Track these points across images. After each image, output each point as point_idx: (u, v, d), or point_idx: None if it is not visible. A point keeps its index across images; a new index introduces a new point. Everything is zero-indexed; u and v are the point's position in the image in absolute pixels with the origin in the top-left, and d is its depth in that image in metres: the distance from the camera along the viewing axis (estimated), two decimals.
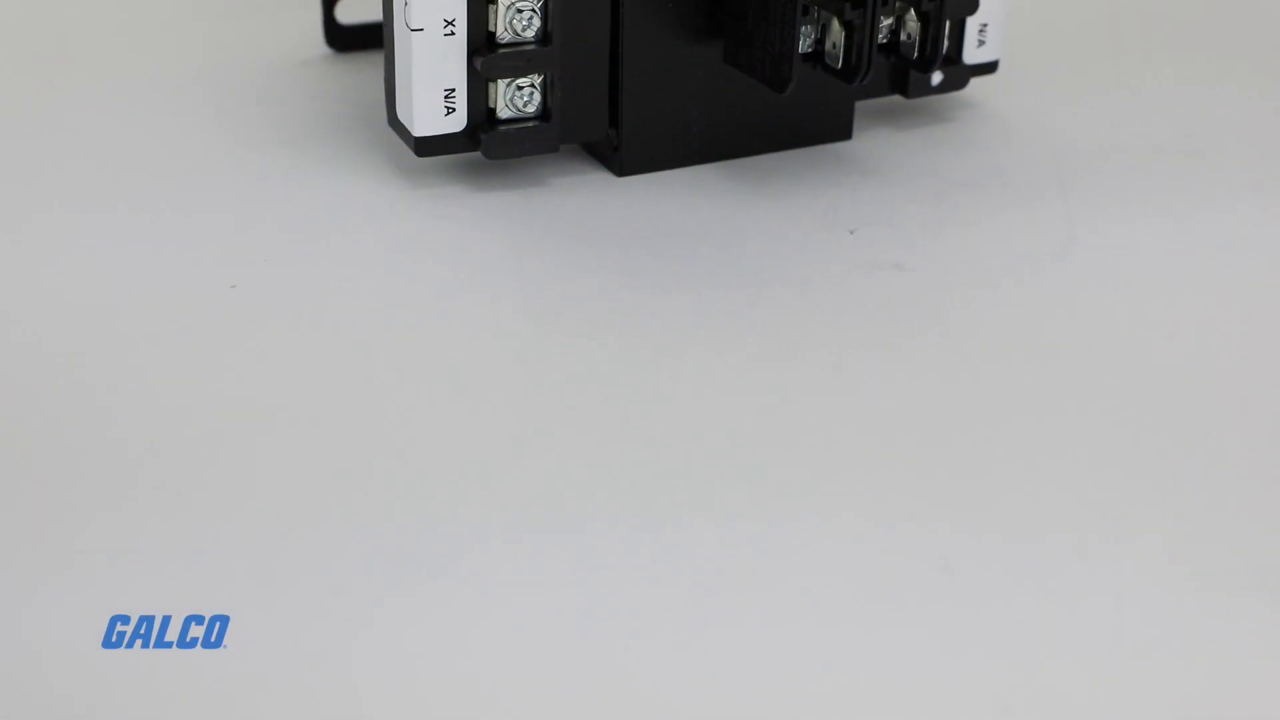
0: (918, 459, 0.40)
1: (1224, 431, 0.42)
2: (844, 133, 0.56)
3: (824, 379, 0.43)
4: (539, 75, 0.50)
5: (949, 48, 0.56)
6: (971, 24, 0.56)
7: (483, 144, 0.50)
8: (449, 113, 0.50)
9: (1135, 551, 0.37)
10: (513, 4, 0.49)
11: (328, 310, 0.46)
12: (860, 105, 0.56)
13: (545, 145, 0.51)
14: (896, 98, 0.57)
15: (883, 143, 0.56)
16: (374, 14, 0.59)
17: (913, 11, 0.52)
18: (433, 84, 0.49)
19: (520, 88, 0.50)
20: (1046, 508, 0.39)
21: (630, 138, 0.52)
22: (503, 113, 0.50)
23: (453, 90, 0.49)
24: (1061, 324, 0.46)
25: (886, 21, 0.53)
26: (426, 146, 0.50)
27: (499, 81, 0.50)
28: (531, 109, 0.50)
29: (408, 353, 0.44)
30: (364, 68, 0.60)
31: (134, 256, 0.48)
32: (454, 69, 0.49)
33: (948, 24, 0.53)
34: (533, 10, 0.49)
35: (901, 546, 0.37)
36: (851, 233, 0.50)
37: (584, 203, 0.51)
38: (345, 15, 0.61)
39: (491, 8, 0.49)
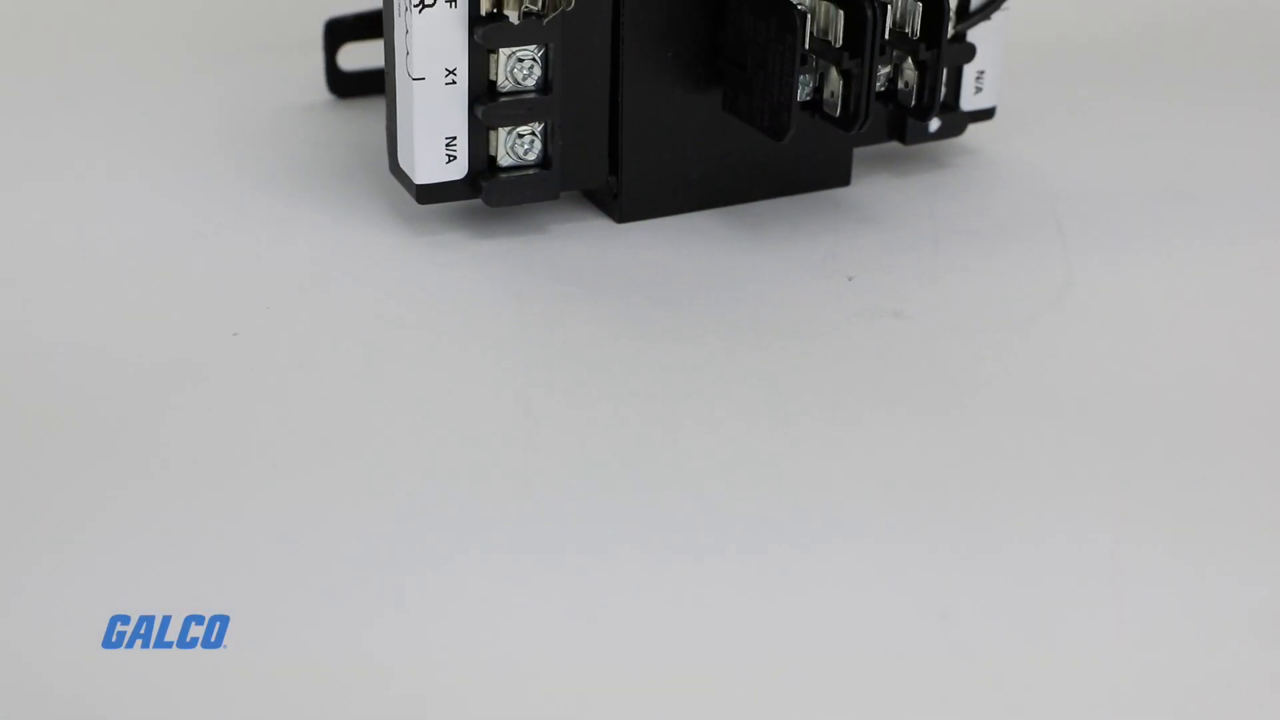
0: (917, 506, 0.40)
1: (1226, 476, 0.42)
2: (842, 179, 0.56)
3: (823, 427, 0.43)
4: (540, 123, 0.50)
5: (946, 94, 0.56)
6: (969, 71, 0.56)
7: (484, 191, 0.50)
8: (450, 160, 0.50)
9: (1137, 598, 0.38)
10: (514, 53, 0.49)
11: (329, 356, 0.46)
12: (858, 151, 0.57)
13: (545, 193, 0.51)
14: (894, 144, 0.57)
15: (881, 189, 0.56)
16: (376, 60, 0.60)
17: (910, 60, 0.52)
18: (434, 132, 0.49)
19: (521, 136, 0.50)
20: (1047, 554, 0.39)
21: (630, 185, 0.53)
22: (503, 160, 0.50)
23: (454, 138, 0.50)
24: (1060, 370, 0.46)
25: (884, 70, 0.53)
26: (428, 194, 0.50)
27: (500, 130, 0.50)
28: (532, 156, 0.51)
29: (408, 399, 0.44)
30: (365, 113, 0.61)
31: (136, 299, 0.48)
32: (455, 117, 0.49)
33: (945, 71, 0.54)
34: (533, 60, 0.49)
35: (900, 594, 0.38)
36: (850, 279, 0.50)
37: (584, 249, 0.51)
38: (347, 61, 0.62)
39: (493, 57, 0.49)
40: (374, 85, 0.62)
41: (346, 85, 0.62)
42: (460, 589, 0.38)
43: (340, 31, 0.61)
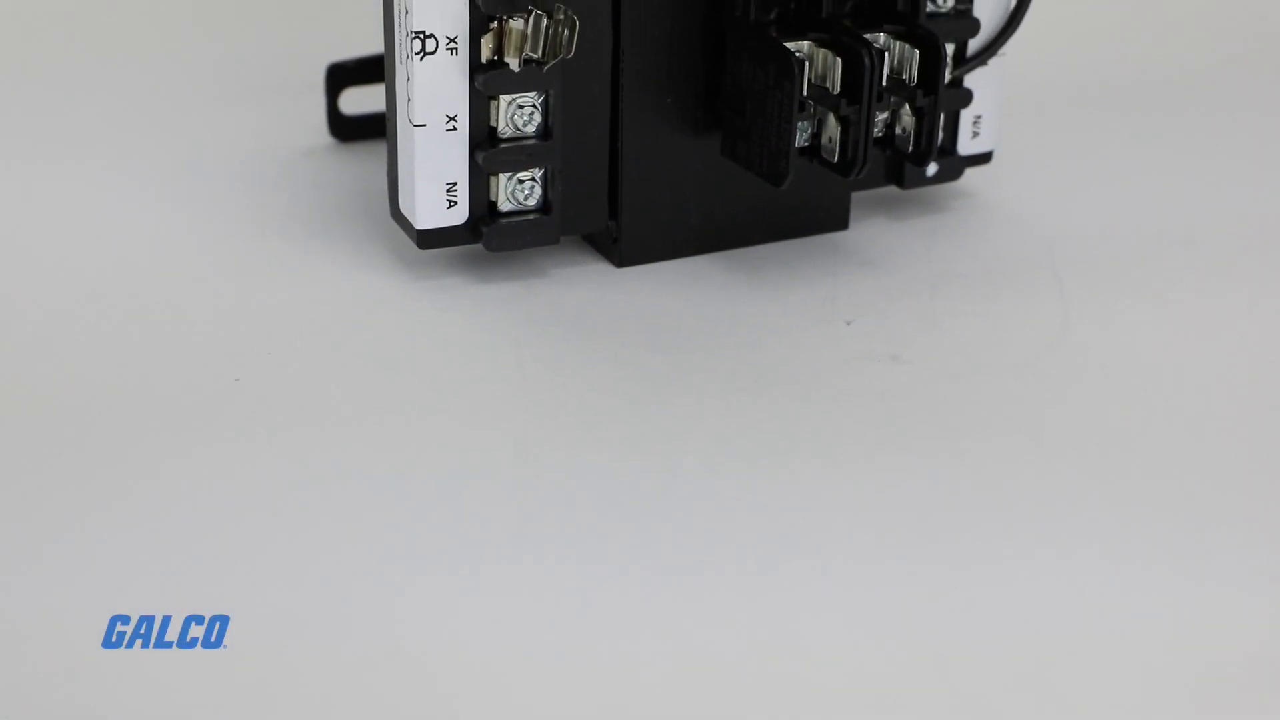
0: (915, 550, 0.41)
1: (1225, 520, 0.42)
2: (840, 223, 0.56)
3: (822, 471, 0.43)
4: (540, 169, 0.51)
5: (943, 139, 0.56)
6: (966, 116, 0.57)
7: (484, 236, 0.51)
8: (451, 206, 0.50)
9: (1135, 646, 0.38)
10: (514, 100, 0.49)
11: (330, 400, 0.46)
12: (856, 195, 0.57)
13: (546, 237, 0.51)
14: (892, 188, 0.57)
15: (879, 232, 0.56)
16: (377, 104, 0.60)
17: (908, 106, 0.53)
18: (435, 178, 0.50)
19: (521, 181, 0.51)
20: (1045, 602, 0.39)
21: (630, 229, 0.53)
22: (504, 205, 0.51)
23: (455, 184, 0.50)
24: (1057, 415, 0.46)
25: (882, 116, 0.53)
26: (429, 239, 0.51)
27: (500, 175, 0.50)
28: (532, 202, 0.51)
29: (408, 443, 0.44)
30: (367, 157, 0.61)
31: (137, 343, 0.49)
32: (456, 163, 0.50)
33: (942, 116, 0.54)
34: (534, 106, 0.50)
35: (897, 642, 0.38)
36: (848, 324, 0.50)
37: (584, 294, 0.52)
38: (349, 106, 0.62)
39: (493, 103, 0.49)
40: (375, 129, 0.62)
41: (348, 129, 0.63)
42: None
43: (342, 76, 0.62)
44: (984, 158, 0.58)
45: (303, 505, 0.41)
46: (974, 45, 0.55)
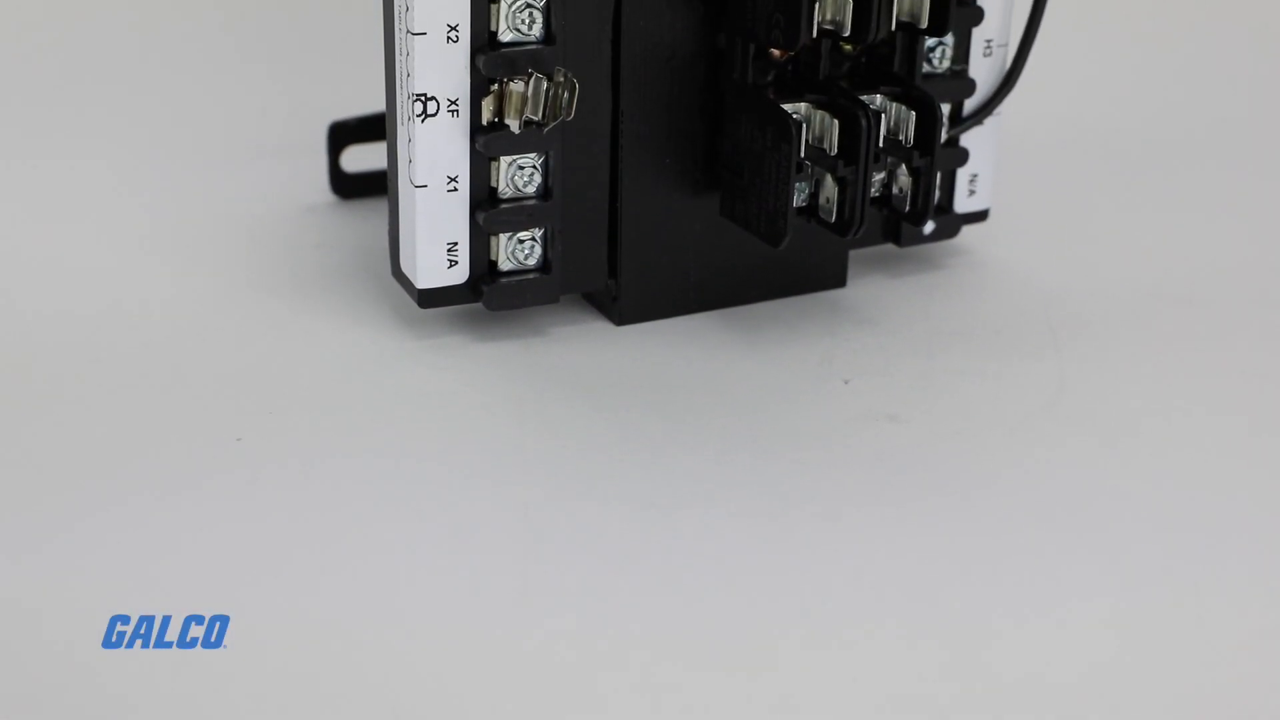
0: (914, 612, 0.41)
1: (1221, 582, 0.42)
2: (838, 280, 0.57)
3: (820, 532, 0.44)
4: (540, 229, 0.51)
5: (940, 197, 0.57)
6: (962, 174, 0.57)
7: (484, 295, 0.51)
8: (451, 265, 0.51)
9: (1138, 706, 0.38)
10: (514, 161, 0.50)
11: (331, 460, 0.46)
12: (854, 253, 0.57)
13: (546, 296, 0.52)
14: (889, 245, 0.58)
15: (876, 290, 0.57)
16: (378, 162, 0.60)
17: (904, 166, 0.53)
18: (436, 238, 0.50)
19: (521, 241, 0.51)
20: (1042, 662, 0.39)
21: (629, 288, 0.53)
22: (504, 265, 0.51)
23: (455, 244, 0.50)
24: (1055, 474, 0.46)
25: (879, 176, 0.54)
26: (430, 298, 0.51)
27: (501, 235, 0.51)
28: (532, 261, 0.51)
29: (408, 503, 0.44)
30: (368, 215, 0.62)
31: (138, 402, 0.49)
32: (457, 223, 0.50)
33: (939, 174, 0.54)
34: (534, 167, 0.50)
35: (895, 702, 0.38)
36: (846, 383, 0.51)
37: (583, 353, 0.52)
38: (350, 164, 0.63)
39: (494, 164, 0.50)
40: (376, 187, 0.62)
41: (349, 186, 0.63)
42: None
43: (343, 134, 0.62)
44: (980, 215, 0.58)
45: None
46: (970, 105, 0.56)
